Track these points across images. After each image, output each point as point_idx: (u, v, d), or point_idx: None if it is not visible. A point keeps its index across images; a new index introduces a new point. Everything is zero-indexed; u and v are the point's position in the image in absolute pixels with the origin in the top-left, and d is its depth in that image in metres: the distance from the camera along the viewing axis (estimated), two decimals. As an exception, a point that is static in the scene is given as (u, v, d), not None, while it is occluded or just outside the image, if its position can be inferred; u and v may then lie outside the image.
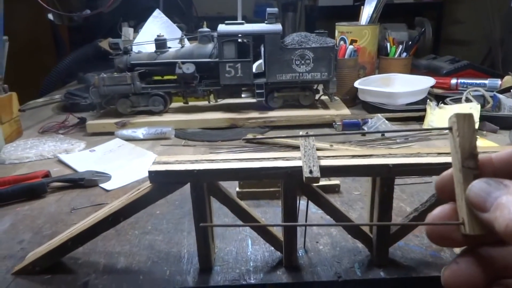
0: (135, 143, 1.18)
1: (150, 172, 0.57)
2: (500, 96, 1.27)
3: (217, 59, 1.25)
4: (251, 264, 0.63)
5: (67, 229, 0.70)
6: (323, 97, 1.40)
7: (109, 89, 1.28)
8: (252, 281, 0.59)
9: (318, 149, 0.59)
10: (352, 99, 1.51)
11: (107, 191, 0.90)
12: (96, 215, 0.63)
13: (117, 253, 0.67)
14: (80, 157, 1.10)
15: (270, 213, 0.78)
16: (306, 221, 0.64)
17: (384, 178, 0.57)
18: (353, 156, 0.59)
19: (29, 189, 0.86)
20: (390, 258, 0.62)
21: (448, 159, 0.56)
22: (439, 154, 0.58)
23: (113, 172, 0.97)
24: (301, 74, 1.26)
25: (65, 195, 0.89)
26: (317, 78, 1.27)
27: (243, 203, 0.61)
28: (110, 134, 1.26)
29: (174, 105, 1.42)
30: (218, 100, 1.35)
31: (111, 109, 1.38)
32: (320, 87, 1.38)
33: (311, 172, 0.53)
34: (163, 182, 0.58)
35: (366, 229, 0.63)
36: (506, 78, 1.38)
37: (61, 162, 1.08)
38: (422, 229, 0.69)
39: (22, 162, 1.09)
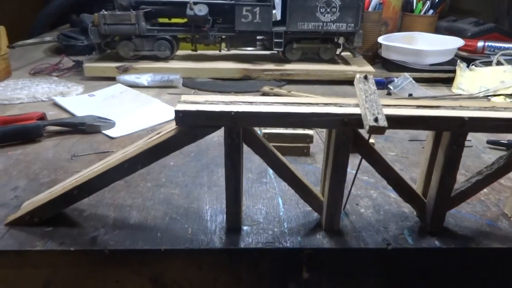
0: (139, 90, 1.07)
1: (177, 112, 0.47)
2: (535, 60, 1.18)
3: (233, 1, 1.12)
4: (286, 225, 0.55)
5: (68, 177, 0.60)
6: (343, 53, 1.28)
7: (110, 29, 1.14)
8: (288, 245, 0.51)
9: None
10: (372, 57, 1.40)
11: (112, 138, 0.80)
12: (107, 161, 0.53)
13: (129, 206, 0.58)
14: (78, 101, 0.99)
15: (298, 171, 0.69)
16: (354, 180, 0.56)
17: (454, 134, 0.48)
18: (418, 107, 0.49)
19: (22, 131, 0.75)
20: (444, 227, 0.55)
21: (535, 114, 0.48)
22: (519, 108, 0.49)
23: (117, 118, 0.86)
24: (325, 23, 1.14)
25: (63, 141, 0.79)
26: (342, 30, 1.15)
27: (280, 155, 0.52)
28: (111, 79, 1.14)
29: (180, 52, 1.29)
30: (230, 48, 1.23)
31: (111, 53, 1.25)
32: (341, 41, 1.26)
33: (376, 120, 0.44)
34: (192, 125, 0.48)
35: (419, 192, 0.55)
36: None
37: (56, 105, 0.97)
38: (474, 196, 0.62)
39: (12, 103, 0.97)
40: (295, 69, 1.17)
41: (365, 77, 0.50)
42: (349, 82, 1.17)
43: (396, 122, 0.47)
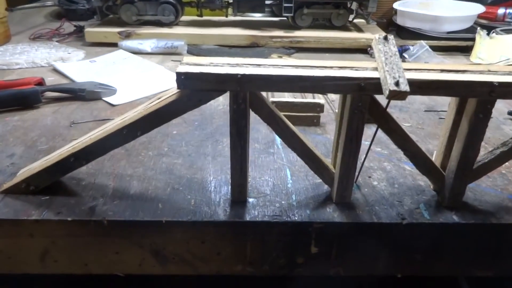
0: (142, 57, 1.02)
1: (179, 74, 0.43)
2: (562, 28, 1.11)
3: (240, -38, 1.06)
4: (294, 198, 0.52)
5: (66, 145, 0.57)
6: (356, 20, 1.22)
7: (112, -9, 1.09)
8: (297, 218, 0.48)
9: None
10: (386, 25, 1.33)
11: (113, 105, 0.77)
12: (105, 127, 0.50)
13: (129, 176, 0.55)
14: (79, 67, 0.95)
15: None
16: (368, 150, 0.52)
17: (482, 101, 0.44)
18: (442, 71, 0.45)
19: (20, 96, 0.72)
20: (463, 201, 0.52)
21: None
22: (556, 73, 0.44)
23: (118, 85, 0.83)
24: (338, -14, 1.07)
25: (62, 107, 0.75)
26: (356, -7, 1.09)
27: (291, 124, 0.48)
28: (113, 45, 1.10)
29: (185, 18, 1.24)
30: (238, 14, 1.17)
31: (113, 17, 1.19)
32: (354, 6, 1.20)
33: (397, 84, 0.40)
34: (195, 89, 0.44)
35: (437, 165, 0.51)
36: None
37: (56, 71, 0.93)
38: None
39: (11, 68, 0.94)
40: (305, 36, 1.11)
41: (385, 38, 0.45)
42: (362, 50, 1.12)
43: (418, 87, 0.43)
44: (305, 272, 0.51)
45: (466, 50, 1.13)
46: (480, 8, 1.23)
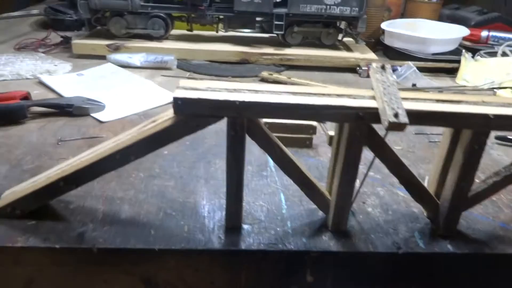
0: (131, 71, 1.01)
1: (176, 99, 0.42)
2: (542, 53, 1.15)
3: (232, -21, 1.06)
4: (289, 225, 0.51)
5: (53, 164, 0.56)
6: (345, 39, 1.23)
7: (102, 3, 1.07)
8: (292, 247, 0.48)
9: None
10: (373, 44, 1.36)
11: (101, 122, 0.75)
12: (96, 150, 0.48)
13: (119, 199, 0.54)
14: (66, 80, 0.93)
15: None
16: (364, 179, 0.52)
17: (477, 132, 0.45)
18: (438, 101, 0.45)
19: (5, 112, 0.70)
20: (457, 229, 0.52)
21: None
22: (549, 106, 0.45)
23: (107, 100, 0.81)
24: (328, 6, 1.08)
25: (49, 123, 0.73)
26: (345, 14, 1.10)
27: (288, 151, 0.48)
28: (101, 58, 1.08)
29: (175, 32, 1.23)
30: (228, 30, 1.17)
31: (102, 29, 1.18)
32: (343, 26, 1.21)
33: (396, 115, 0.40)
34: (193, 114, 0.43)
35: (431, 192, 0.52)
36: (551, 34, 1.24)
37: (42, 84, 0.91)
38: (486, 196, 0.59)
39: (-5, 80, 0.91)
40: (295, 53, 1.12)
41: (383, 67, 0.45)
42: (351, 69, 1.13)
43: (415, 117, 0.43)
44: (300, 300, 0.50)
45: (452, 72, 1.16)
46: (465, 31, 1.27)
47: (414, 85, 1.05)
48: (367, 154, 0.46)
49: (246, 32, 1.27)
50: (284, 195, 0.57)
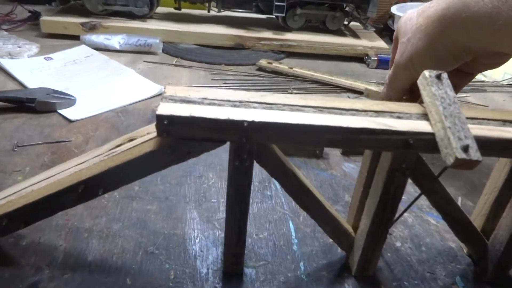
0: (109, 55, 0.87)
1: (160, 117, 0.30)
2: None
3: (227, -50, 0.92)
4: (302, 268, 0.41)
5: (5, 178, 0.44)
6: (352, 23, 1.11)
7: (74, -26, 0.92)
8: (308, 300, 0.37)
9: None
10: (381, 29, 1.24)
11: (70, 121, 0.62)
12: (54, 174, 0.37)
13: (87, 231, 0.42)
14: (31, 65, 0.79)
15: (310, 179, 0.55)
16: (399, 217, 0.42)
17: (555, 165, 0.34)
18: (504, 122, 0.35)
19: None
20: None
21: None
22: None
23: (79, 93, 0.68)
24: (336, -14, 0.96)
25: (4, 122, 0.60)
26: (355, -5, 0.98)
27: (305, 179, 0.37)
28: (74, 38, 0.94)
29: (162, 9, 1.09)
30: (222, 10, 1.04)
31: (76, 4, 1.03)
32: (350, 9, 1.09)
33: (466, 150, 0.29)
34: (183, 137, 0.32)
35: (477, 227, 0.42)
36: None
37: (1, 69, 0.77)
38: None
39: None
40: (296, 39, 0.99)
41: (438, 77, 0.34)
42: (357, 59, 1.01)
43: (481, 147, 0.32)
44: None
45: (466, 64, 1.06)
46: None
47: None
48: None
49: (241, 12, 1.13)
50: (294, 224, 0.46)
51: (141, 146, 0.33)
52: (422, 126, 0.32)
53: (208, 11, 1.05)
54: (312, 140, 0.33)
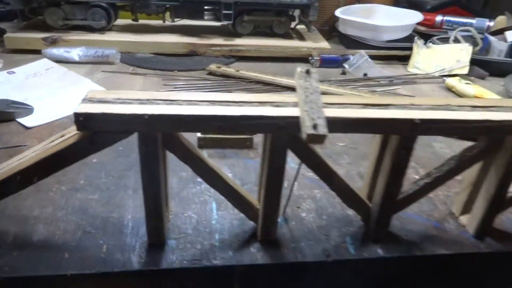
0: (69, 67, 0.94)
1: (77, 115, 0.38)
2: (491, 38, 1.16)
3: (175, -34, 1.00)
4: (217, 237, 0.49)
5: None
6: (299, 26, 1.20)
7: (33, -7, 1.00)
8: (218, 262, 0.45)
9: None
10: (329, 31, 1.33)
11: (27, 128, 0.69)
12: (0, 169, 0.44)
13: (35, 218, 0.50)
14: (-6, 80, 0.86)
15: (239, 167, 0.63)
16: (294, 182, 0.50)
17: (404, 138, 0.43)
18: (366, 105, 0.43)
19: None
20: (388, 231, 0.51)
21: (489, 115, 0.43)
22: (474, 107, 0.44)
23: (37, 103, 0.75)
24: (278, -6, 1.05)
25: (-33, 131, 0.67)
26: (296, 1, 1.07)
27: (210, 161, 0.45)
28: (36, 52, 1.01)
29: (120, 22, 1.16)
30: (175, 19, 1.12)
31: (38, 21, 1.10)
32: (296, 13, 1.18)
33: (315, 127, 0.37)
34: (98, 130, 0.39)
35: (363, 196, 0.50)
36: (500, 18, 1.25)
37: (-33, 85, 0.83)
38: (423, 194, 0.58)
39: None
40: (245, 44, 1.08)
41: (307, 72, 0.43)
42: (303, 59, 1.10)
43: (339, 126, 0.41)
44: (230, 315, 0.48)
45: (405, 59, 1.15)
46: (418, 16, 1.26)
47: (365, 74, 1.03)
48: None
49: (197, 21, 1.21)
50: (217, 204, 0.54)
51: (67, 140, 0.41)
52: (292, 112, 0.41)
53: (163, 21, 1.13)
54: (204, 127, 0.41)
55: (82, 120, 0.38)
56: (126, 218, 0.51)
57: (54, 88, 0.83)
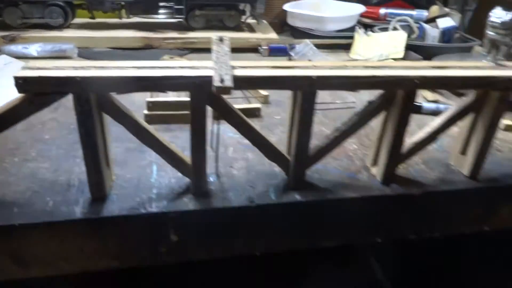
0: (27, 62, 0.99)
1: (17, 78, 0.44)
2: (426, 26, 1.26)
3: (126, -36, 1.06)
4: (154, 191, 0.55)
5: None
6: (250, 20, 1.28)
7: (-10, -7, 1.04)
8: (154, 209, 0.52)
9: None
10: (281, 24, 1.42)
11: (-16, 113, 0.74)
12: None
13: (-12, 183, 0.55)
14: (-48, 74, 0.89)
15: (182, 138, 0.69)
16: (217, 142, 0.57)
17: (305, 93, 0.51)
18: (275, 67, 0.51)
19: None
20: (307, 181, 0.58)
21: (376, 72, 0.51)
22: (366, 67, 0.52)
23: (-6, 92, 0.80)
24: (225, -11, 1.12)
25: None
26: (243, -4, 1.14)
27: (142, 121, 0.52)
28: (-4, 50, 1.05)
29: (78, 20, 1.21)
30: (131, 16, 1.18)
31: (-4, 20, 1.14)
32: (247, 8, 1.26)
33: (222, 81, 0.44)
34: (36, 92, 0.45)
35: (284, 151, 0.58)
36: (433, 8, 1.37)
37: None
38: (341, 151, 0.66)
39: None
40: (198, 37, 1.15)
41: (221, 39, 0.50)
42: (253, 50, 1.18)
43: (247, 82, 0.48)
44: (169, 260, 0.55)
45: (348, 47, 1.25)
46: (361, 8, 1.36)
47: (309, 60, 1.12)
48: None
49: (153, 18, 1.28)
50: (158, 167, 0.61)
51: (12, 102, 0.47)
52: (206, 72, 0.48)
53: (120, 18, 1.19)
54: (130, 88, 0.47)
55: (21, 83, 0.44)
56: (73, 180, 0.56)
57: (10, 83, 0.88)
